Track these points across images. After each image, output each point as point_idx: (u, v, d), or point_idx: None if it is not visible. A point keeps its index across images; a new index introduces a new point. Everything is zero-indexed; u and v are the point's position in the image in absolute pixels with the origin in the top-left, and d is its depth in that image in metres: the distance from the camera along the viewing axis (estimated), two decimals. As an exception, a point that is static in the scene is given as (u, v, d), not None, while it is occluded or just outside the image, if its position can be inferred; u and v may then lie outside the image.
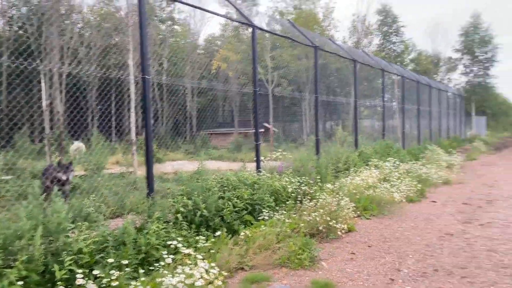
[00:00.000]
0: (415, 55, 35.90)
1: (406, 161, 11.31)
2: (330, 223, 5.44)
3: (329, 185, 6.98)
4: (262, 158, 7.65)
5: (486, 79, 36.40)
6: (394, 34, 31.56)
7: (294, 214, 5.75)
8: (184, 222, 4.63)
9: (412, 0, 70.91)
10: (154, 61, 22.41)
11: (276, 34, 11.06)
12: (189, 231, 4.56)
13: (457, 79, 37.83)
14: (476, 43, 35.94)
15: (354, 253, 4.83)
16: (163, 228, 4.28)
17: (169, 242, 3.93)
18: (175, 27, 27.47)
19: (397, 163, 9.64)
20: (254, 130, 7.69)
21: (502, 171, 12.59)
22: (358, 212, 6.57)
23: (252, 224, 5.32)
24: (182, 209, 4.79)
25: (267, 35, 19.90)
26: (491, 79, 36.72)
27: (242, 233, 4.82)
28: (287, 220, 5.40)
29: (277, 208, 5.92)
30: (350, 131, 13.23)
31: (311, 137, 12.76)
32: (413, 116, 18.14)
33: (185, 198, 4.96)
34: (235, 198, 5.42)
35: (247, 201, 5.53)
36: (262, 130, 23.86)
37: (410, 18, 69.36)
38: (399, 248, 5.00)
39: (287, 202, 6.23)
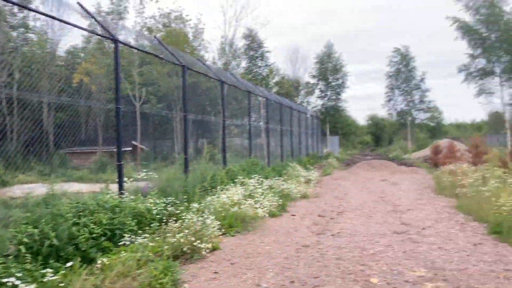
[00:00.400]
0: (278, 78, 38.74)
1: (270, 177, 11.92)
2: (195, 244, 5.41)
3: (195, 205, 6.95)
4: (126, 178, 7.27)
5: (338, 103, 41.11)
6: (259, 58, 33.59)
7: (158, 237, 5.57)
8: (29, 254, 4.10)
9: (275, 26, 76.60)
10: (3, 71, 19.83)
11: (141, 50, 10.78)
12: (35, 264, 4.05)
13: (315, 102, 41.91)
14: (329, 71, 40.43)
15: (217, 272, 4.86)
16: (1, 263, 3.72)
17: (5, 280, 3.43)
18: (30, 35, 24.83)
19: (262, 179, 10.12)
20: (117, 149, 7.29)
21: (350, 185, 14.18)
22: (223, 230, 6.67)
23: (111, 250, 4.98)
24: (26, 239, 4.24)
25: (135, 50, 19.29)
26: (342, 103, 41.61)
27: (99, 261, 4.47)
28: (150, 244, 5.20)
29: (141, 231, 5.65)
30: (220, 149, 13.51)
31: (182, 155, 12.66)
32: (277, 135, 19.38)
33: (30, 226, 4.41)
34: (92, 224, 5.02)
35: (106, 226, 5.16)
36: (130, 148, 22.83)
37: (274, 43, 74.86)
38: (260, 263, 5.20)
39: (152, 225, 6.01)
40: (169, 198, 6.91)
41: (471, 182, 9.63)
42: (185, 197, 7.41)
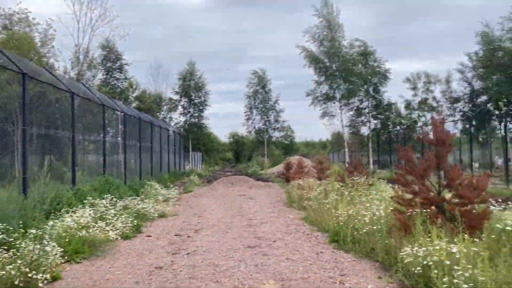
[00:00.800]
0: (139, 93, 37.49)
1: (126, 197, 11.32)
2: (30, 275, 4.75)
3: (33, 230, 6.15)
4: None
5: (201, 120, 41.64)
6: (118, 70, 32.06)
7: (-19, 271, 4.74)
8: None
9: (136, 39, 74.68)
10: None
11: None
12: None
13: (177, 118, 41.68)
14: (192, 88, 40.82)
15: (55, 306, 4.34)
16: None
17: None
18: None
19: (116, 199, 9.53)
20: None
21: (210, 201, 14.34)
22: (67, 257, 6.04)
23: None
24: None
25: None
26: (205, 120, 42.26)
27: None
28: (-31, 280, 4.39)
29: (-43, 266, 4.75)
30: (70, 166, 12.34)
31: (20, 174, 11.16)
32: (137, 151, 18.61)
33: None
34: None
35: None
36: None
37: (135, 56, 72.70)
38: (108, 290, 4.83)
39: (-26, 257, 5.10)
40: (0, 224, 5.98)
41: (315, 196, 10.62)
42: (21, 222, 6.50)
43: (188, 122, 41.07)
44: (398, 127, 34.53)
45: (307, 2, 74.81)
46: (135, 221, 8.54)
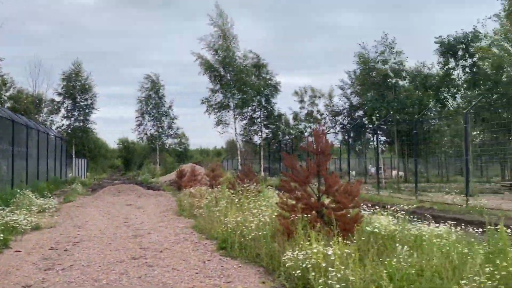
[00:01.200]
0: (14, 92, 33.59)
1: (-7, 208, 10.03)
2: None
3: None
4: None
5: (86, 124, 38.64)
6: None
7: None
8: None
9: (9, 34, 67.13)
10: None
11: None
12: None
13: (60, 122, 38.22)
14: (77, 90, 37.80)
15: None
16: None
17: None
18: None
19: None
20: None
21: (94, 211, 13.40)
22: None
23: None
24: None
25: None
26: (91, 124, 39.32)
27: None
28: None
29: None
30: None
31: None
32: (9, 157, 16.67)
33: None
34: None
35: None
36: None
37: (10, 52, 65.35)
38: (-40, 317, 4.17)
39: None
40: None
41: (206, 203, 10.60)
42: None
43: (72, 126, 37.97)
44: (287, 137, 36.41)
45: (201, 8, 75.37)
46: (2, 235, 7.57)
